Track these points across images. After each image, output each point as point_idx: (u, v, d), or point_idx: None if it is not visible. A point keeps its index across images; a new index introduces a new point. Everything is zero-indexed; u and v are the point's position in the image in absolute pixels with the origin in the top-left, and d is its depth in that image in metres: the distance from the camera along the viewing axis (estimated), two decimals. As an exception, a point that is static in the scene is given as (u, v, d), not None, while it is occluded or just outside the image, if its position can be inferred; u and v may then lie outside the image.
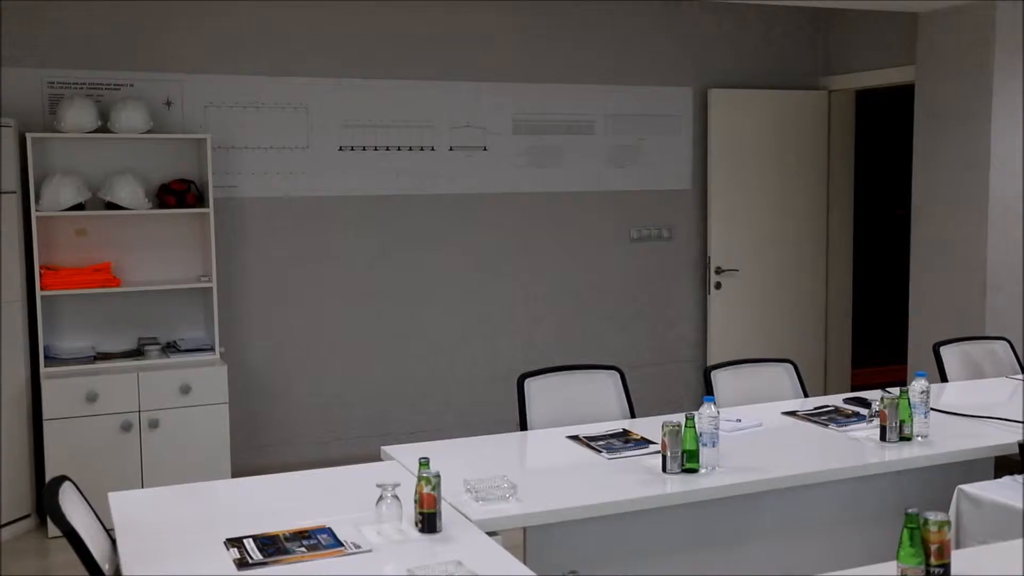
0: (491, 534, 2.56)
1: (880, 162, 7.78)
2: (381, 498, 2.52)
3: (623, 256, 6.34)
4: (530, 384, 3.68)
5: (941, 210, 5.76)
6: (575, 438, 3.37)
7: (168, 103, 5.21)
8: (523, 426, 3.61)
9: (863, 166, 7.33)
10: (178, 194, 5.00)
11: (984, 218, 5.49)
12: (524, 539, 2.70)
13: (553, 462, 3.27)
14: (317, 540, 2.45)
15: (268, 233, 5.49)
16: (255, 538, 2.46)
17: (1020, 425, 3.37)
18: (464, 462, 3.06)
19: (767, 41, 6.63)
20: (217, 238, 5.08)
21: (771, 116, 6.57)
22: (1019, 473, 3.01)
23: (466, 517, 2.61)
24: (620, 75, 6.22)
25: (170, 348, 5.08)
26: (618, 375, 3.82)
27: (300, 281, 5.58)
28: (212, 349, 5.04)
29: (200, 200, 5.06)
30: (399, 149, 5.74)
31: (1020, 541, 2.53)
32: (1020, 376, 4.30)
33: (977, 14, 5.46)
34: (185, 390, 4.77)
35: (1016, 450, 3.09)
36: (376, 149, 5.68)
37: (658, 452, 3.03)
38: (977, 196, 5.53)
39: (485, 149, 5.93)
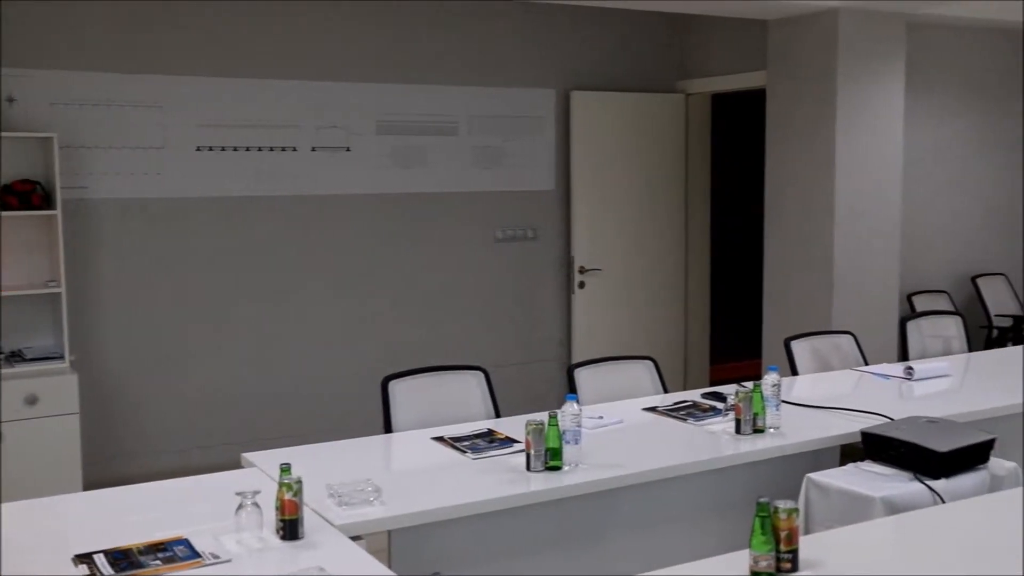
0: (355, 538, 2.54)
1: (737, 163, 8.06)
2: (241, 506, 2.46)
3: (488, 256, 6.37)
4: (394, 386, 3.66)
5: (792, 210, 6.00)
6: (440, 439, 3.37)
7: (10, 99, 4.96)
8: (388, 428, 3.59)
9: (722, 167, 7.58)
10: (22, 195, 4.77)
11: (831, 218, 5.75)
12: (389, 542, 2.68)
13: (418, 464, 3.26)
14: (173, 552, 2.38)
15: (122, 236, 5.29)
16: (106, 553, 2.37)
17: (864, 415, 3.54)
18: (328, 467, 3.02)
19: (627, 44, 6.77)
20: (66, 241, 4.87)
21: (631, 118, 6.72)
22: (862, 461, 3.16)
23: (329, 522, 2.57)
24: (483, 76, 6.25)
25: (15, 357, 4.84)
26: (483, 375, 3.84)
27: (157, 285, 5.40)
28: (61, 357, 4.82)
29: (47, 201, 4.84)
30: (260, 150, 5.62)
31: (864, 525, 2.66)
32: (864, 368, 4.52)
33: (822, 22, 5.71)
34: (31, 401, 4.55)
35: (860, 439, 3.24)
36: (236, 150, 5.55)
37: (522, 451, 3.06)
38: (824, 197, 5.79)
39: (348, 150, 5.86)
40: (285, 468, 2.47)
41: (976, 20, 6.55)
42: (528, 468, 2.99)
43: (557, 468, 2.99)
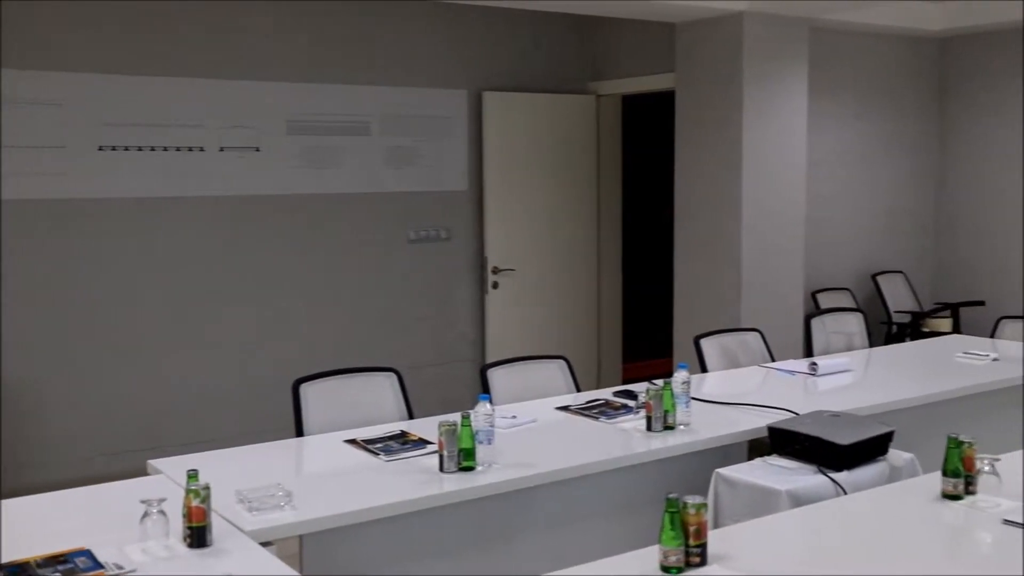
0: (266, 544, 2.50)
1: (648, 163, 8.16)
2: (146, 514, 2.40)
3: (402, 257, 6.34)
4: (306, 389, 3.62)
5: (701, 210, 6.11)
6: (352, 442, 3.34)
7: (-101, 97, 4.76)
8: (299, 432, 3.54)
9: (633, 167, 7.67)
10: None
11: (738, 218, 5.87)
12: (300, 547, 2.64)
13: (330, 467, 3.23)
14: (74, 564, 2.30)
15: (19, 237, 5.11)
16: (2, 567, 2.28)
17: (770, 410, 3.62)
18: (237, 472, 2.97)
19: (539, 45, 6.81)
20: (-40, 244, 4.69)
21: (543, 119, 6.76)
22: (769, 455, 3.24)
23: (239, 529, 2.53)
24: (395, 76, 6.22)
25: (-94, 365, 4.64)
26: (396, 377, 3.82)
27: (59, 288, 5.24)
28: (-44, 364, 4.64)
29: (-61, 203, 4.65)
30: (166, 149, 5.49)
31: (770, 517, 2.72)
32: (770, 364, 4.62)
33: (727, 25, 5.82)
34: (-75, 410, 4.37)
35: (767, 434, 3.32)
36: (140, 149, 5.41)
37: (435, 452, 3.05)
38: (732, 197, 5.90)
39: (258, 150, 5.77)
40: (192, 474, 2.42)
41: (876, 26, 6.76)
42: (441, 469, 2.98)
43: (470, 468, 2.99)
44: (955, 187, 7.47)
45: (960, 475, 2.72)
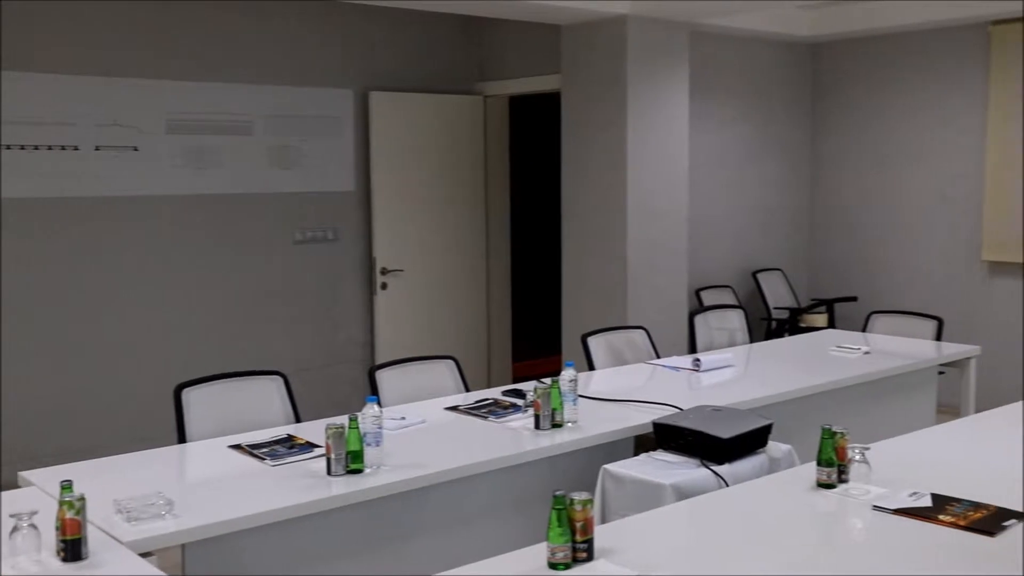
0: (146, 555, 2.43)
1: (535, 164, 8.23)
2: (15, 529, 2.30)
3: (288, 259, 6.24)
4: (188, 394, 3.53)
5: (587, 210, 6.19)
6: (237, 447, 3.27)
7: None
8: (181, 439, 3.45)
9: (521, 168, 7.72)
10: None
11: (624, 217, 5.97)
12: (183, 557, 2.57)
13: (214, 474, 3.15)
14: (-61, 583, 2.20)
15: None
16: None
17: (656, 406, 3.70)
18: (115, 481, 2.88)
19: (425, 46, 6.80)
20: None
21: (431, 119, 6.75)
22: (655, 450, 3.30)
23: (117, 540, 2.45)
24: (279, 75, 6.12)
25: None
26: (282, 380, 3.76)
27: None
28: None
29: None
30: (36, 148, 5.28)
31: (655, 511, 2.78)
32: (656, 361, 4.72)
33: (611, 28, 5.92)
34: None
35: (652, 429, 3.38)
36: (9, 148, 5.19)
37: (323, 455, 3.01)
38: (617, 197, 6.00)
39: (136, 149, 5.60)
40: (66, 485, 2.33)
41: (752, 31, 6.97)
42: (329, 472, 2.95)
43: (359, 471, 2.97)
44: (828, 187, 7.76)
45: (833, 464, 2.82)
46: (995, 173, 6.73)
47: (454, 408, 3.81)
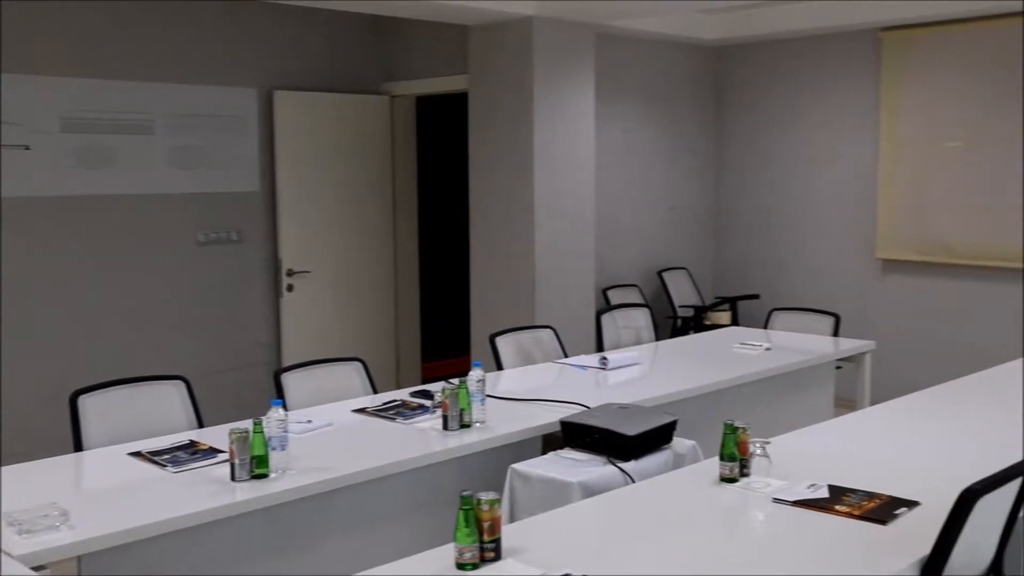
0: (39, 569, 2.35)
1: (443, 164, 8.22)
2: (-101, 545, 2.21)
3: (190, 261, 6.11)
4: (84, 401, 3.42)
5: (495, 210, 6.21)
6: (137, 454, 3.19)
7: None
8: (78, 447, 3.35)
9: (429, 168, 7.70)
10: None
11: (531, 217, 6.00)
12: (79, 569, 2.50)
13: (112, 482, 3.06)
14: None
15: None
16: None
17: (563, 405, 3.72)
18: (7, 493, 2.77)
19: (331, 45, 6.73)
20: None
21: (337, 119, 6.68)
22: (562, 448, 3.33)
23: (7, 554, 2.36)
24: (180, 73, 5.98)
25: None
26: (184, 384, 3.67)
27: None
28: None
29: None
30: (-79, 146, 5.06)
31: (563, 509, 2.80)
32: (563, 360, 4.75)
33: (517, 29, 5.94)
34: None
35: (560, 428, 3.41)
36: None
37: (227, 461, 2.96)
38: (525, 197, 6.03)
39: (28, 148, 5.41)
40: (-46, 498, 2.24)
41: (657, 34, 7.08)
42: (233, 478, 2.89)
43: (264, 476, 2.92)
44: (731, 187, 7.93)
45: (736, 459, 2.89)
46: (887, 174, 6.97)
47: (361, 410, 3.78)
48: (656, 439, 3.30)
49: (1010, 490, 2.49)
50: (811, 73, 7.35)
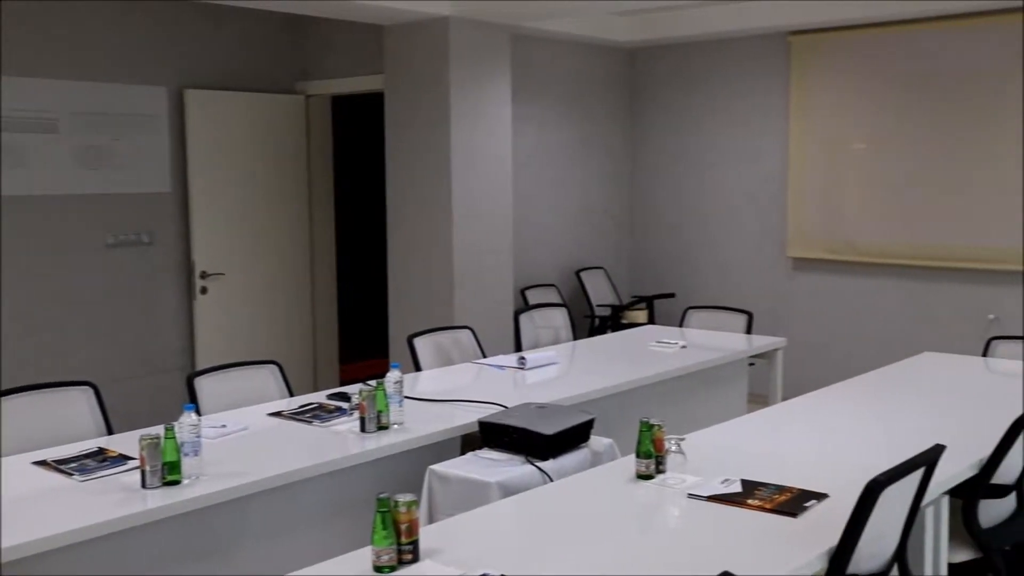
0: (-62, 584, 2.27)
1: (361, 164, 8.15)
2: None
3: (99, 263, 5.95)
4: (-13, 409, 3.31)
5: (413, 211, 6.19)
6: (43, 463, 3.09)
7: None
8: (-20, 457, 3.24)
9: (346, 168, 7.64)
10: None
11: (449, 218, 6.00)
12: (-19, 583, 2.41)
13: (14, 493, 2.94)
14: None
15: None
16: None
17: (482, 405, 3.73)
18: (-97, 506, 2.67)
19: (244, 44, 6.62)
20: None
21: (251, 118, 6.58)
22: (481, 449, 3.33)
23: (-95, 569, 2.28)
24: (87, 70, 5.82)
25: None
26: (92, 391, 3.58)
27: None
28: None
29: None
30: None
31: (481, 509, 2.80)
32: (482, 360, 4.76)
33: (433, 29, 5.93)
34: None
35: (478, 428, 3.41)
36: None
37: (137, 468, 2.89)
38: (442, 198, 6.02)
39: (-75, 147, 5.21)
40: None
41: (572, 35, 7.13)
42: (144, 485, 2.83)
43: (176, 482, 2.86)
44: (646, 187, 8.04)
45: (651, 456, 2.93)
46: (797, 175, 7.14)
47: (277, 414, 3.73)
48: (573, 438, 3.33)
49: (912, 481, 2.57)
50: (723, 75, 7.49)
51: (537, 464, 3.14)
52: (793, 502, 2.70)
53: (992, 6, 6.08)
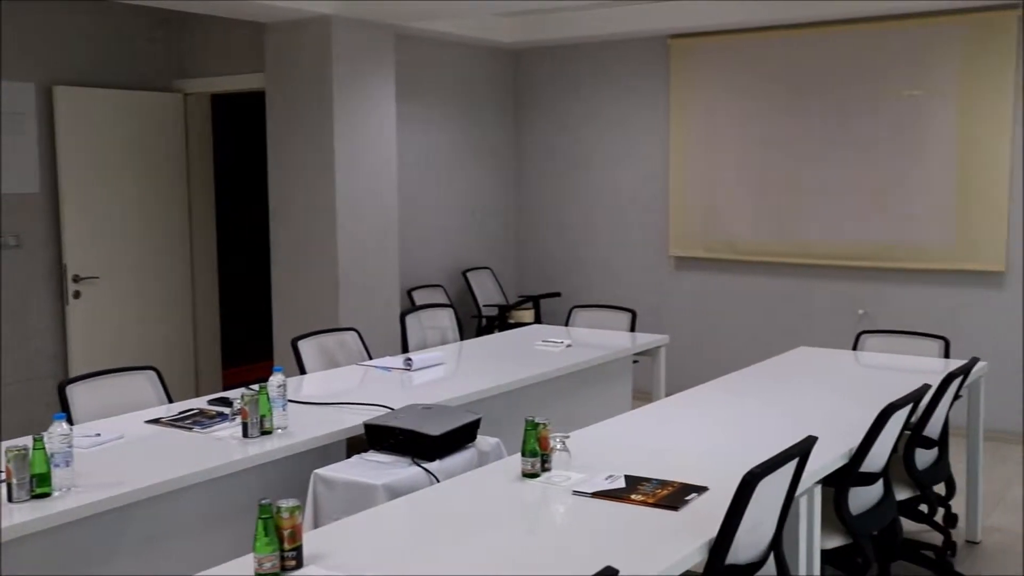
0: None
1: (243, 165, 7.99)
2: None
3: (-38, 268, 5.67)
4: None
5: (296, 212, 6.09)
6: (-99, 479, 2.93)
7: None
8: None
9: (227, 169, 7.46)
10: None
11: (333, 219, 5.93)
12: None
13: None
14: None
15: None
16: None
17: (368, 407, 3.70)
18: None
19: (120, 39, 6.41)
20: None
21: (126, 117, 6.37)
22: (367, 451, 3.30)
23: None
24: (-54, 65, 5.55)
25: None
26: (-45, 401, 3.41)
27: None
28: None
29: None
30: None
31: (367, 512, 2.78)
32: (368, 362, 4.72)
33: (315, 28, 5.85)
34: None
35: (364, 431, 3.38)
36: None
37: (3, 481, 2.76)
38: (326, 199, 5.95)
39: None
40: None
41: (457, 36, 7.13)
42: (10, 499, 2.71)
43: (46, 495, 2.75)
44: (531, 187, 8.10)
45: (537, 454, 2.95)
46: (677, 175, 7.30)
47: (156, 421, 3.62)
48: (460, 438, 3.33)
49: (787, 471, 2.66)
50: (606, 77, 7.61)
51: (424, 465, 3.14)
52: (675, 496, 2.76)
53: (862, 13, 6.34)
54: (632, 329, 5.61)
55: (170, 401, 3.98)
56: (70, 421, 3.59)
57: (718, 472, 2.95)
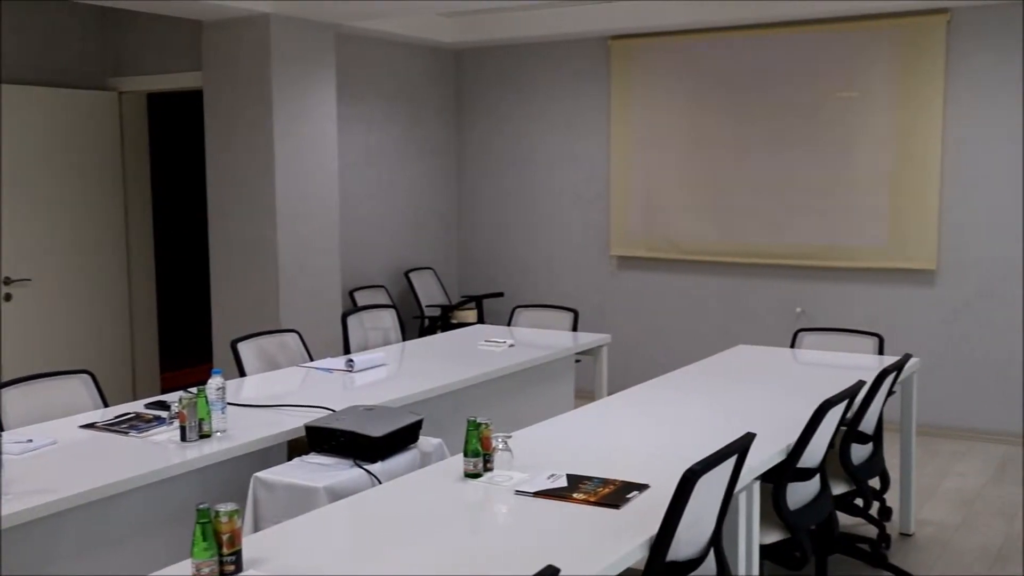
0: None
1: (181, 165, 7.87)
2: None
3: None
4: None
5: (235, 213, 6.02)
6: None
7: None
8: None
9: (165, 169, 7.34)
10: None
11: (273, 220, 5.87)
12: None
13: None
14: None
15: None
16: None
17: (309, 409, 3.67)
18: None
19: (51, 36, 6.27)
20: None
21: (58, 116, 6.25)
22: (308, 454, 3.28)
23: None
24: None
25: None
26: None
27: None
28: None
29: None
30: None
31: (308, 515, 2.75)
32: (309, 364, 4.68)
33: (254, 27, 5.79)
34: None
35: (305, 433, 3.35)
36: None
37: (-69, 489, 2.70)
38: (266, 200, 5.89)
39: None
40: None
41: (398, 35, 7.10)
42: (-61, 508, 2.64)
43: (-24, 503, 2.68)
44: (473, 187, 8.10)
45: (479, 454, 2.95)
46: (618, 175, 7.36)
47: (90, 425, 3.55)
48: (402, 439, 3.32)
49: (726, 468, 2.69)
50: (546, 77, 7.63)
51: (365, 467, 3.12)
52: (616, 494, 2.78)
53: (799, 16, 6.45)
54: (574, 329, 5.64)
55: (106, 405, 3.91)
56: (0, 427, 3.51)
57: (659, 470, 2.98)
